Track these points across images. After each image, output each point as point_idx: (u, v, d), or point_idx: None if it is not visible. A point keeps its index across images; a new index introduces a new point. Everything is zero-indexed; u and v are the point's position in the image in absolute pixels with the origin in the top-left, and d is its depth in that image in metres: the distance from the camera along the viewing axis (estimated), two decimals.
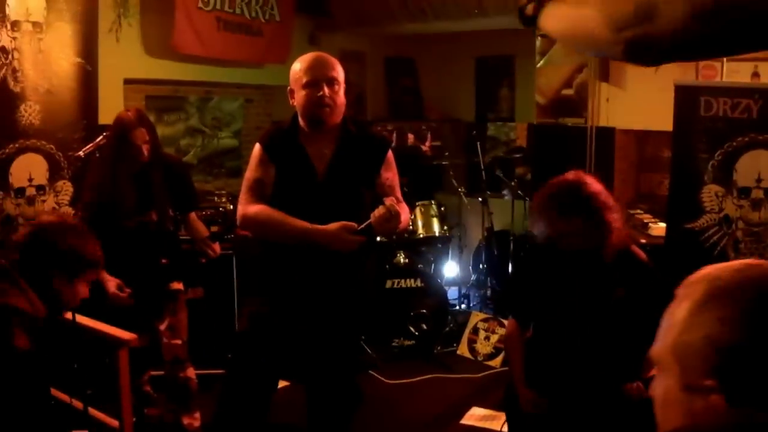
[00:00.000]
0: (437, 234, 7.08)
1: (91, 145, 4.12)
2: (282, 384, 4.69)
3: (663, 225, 5.61)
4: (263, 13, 6.95)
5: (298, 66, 3.59)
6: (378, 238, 3.65)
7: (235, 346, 3.78)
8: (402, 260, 6.67)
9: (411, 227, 6.80)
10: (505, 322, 6.28)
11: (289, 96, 3.64)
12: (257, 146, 3.68)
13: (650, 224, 5.93)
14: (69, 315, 3.29)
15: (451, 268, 7.97)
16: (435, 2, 7.12)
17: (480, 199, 7.58)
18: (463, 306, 7.64)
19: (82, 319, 3.57)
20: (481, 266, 7.80)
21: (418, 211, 6.92)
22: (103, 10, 5.61)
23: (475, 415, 5.27)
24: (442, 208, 7.20)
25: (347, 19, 7.78)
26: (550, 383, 3.50)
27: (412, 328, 6.45)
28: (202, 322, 5.02)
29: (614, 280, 3.40)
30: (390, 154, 3.76)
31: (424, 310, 6.47)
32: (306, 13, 7.62)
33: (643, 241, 5.49)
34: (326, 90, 3.52)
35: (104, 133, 4.21)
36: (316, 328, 3.65)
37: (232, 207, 5.87)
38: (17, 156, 4.92)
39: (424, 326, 6.47)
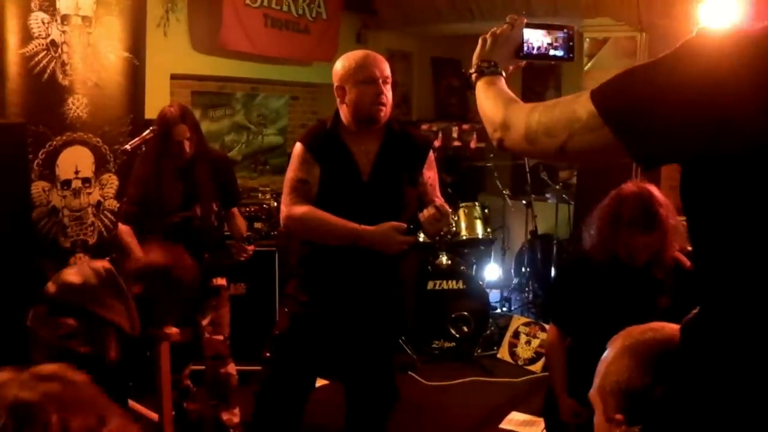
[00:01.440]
0: (480, 236, 7.03)
1: (137, 139, 4.13)
2: (320, 383, 4.68)
3: None
4: (310, 10, 6.96)
5: (350, 63, 3.53)
6: (421, 239, 3.63)
7: (275, 344, 3.77)
8: (444, 261, 6.63)
9: (454, 228, 6.76)
10: (547, 327, 6.23)
11: (337, 93, 3.58)
12: (299, 146, 3.64)
13: None
14: None
15: (493, 271, 7.93)
16: (483, 3, 7.09)
17: (524, 201, 7.53)
18: (504, 309, 7.59)
19: None
20: (523, 270, 7.74)
21: (461, 212, 6.88)
22: (152, 5, 5.64)
23: (514, 419, 5.23)
24: (486, 210, 7.14)
25: (394, 18, 7.76)
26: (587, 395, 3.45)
27: (452, 330, 6.42)
28: (243, 318, 5.02)
29: (659, 288, 3.35)
30: (431, 153, 3.75)
31: (466, 313, 6.43)
32: (353, 11, 7.61)
33: (690, 248, 5.39)
34: (383, 88, 3.50)
35: (151, 128, 4.22)
36: (357, 327, 3.64)
37: (276, 204, 5.87)
38: (64, 148, 4.96)
39: (465, 329, 6.43)
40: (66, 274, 3.04)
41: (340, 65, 3.57)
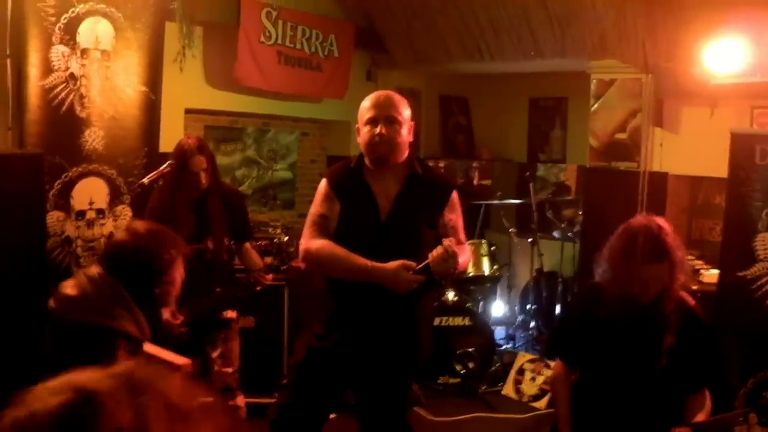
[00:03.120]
0: (486, 273, 7.07)
1: (155, 173, 4.18)
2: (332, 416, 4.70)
3: (715, 272, 5.57)
4: (323, 48, 7.05)
5: (364, 104, 3.66)
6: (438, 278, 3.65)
7: (289, 375, 3.82)
8: (451, 298, 6.67)
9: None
10: (552, 363, 6.26)
11: (357, 134, 3.70)
12: (323, 182, 3.73)
13: (702, 271, 5.88)
14: None
15: (498, 308, 7.96)
16: (491, 43, 7.18)
17: (529, 239, 7.58)
18: (509, 346, 7.61)
19: None
20: (528, 307, 7.78)
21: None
22: (169, 40, 5.71)
23: None
24: (493, 248, 7.19)
25: (404, 57, 7.85)
26: (595, 428, 3.48)
27: (458, 366, 6.44)
28: (252, 351, 5.06)
29: (665, 326, 3.39)
30: (455, 195, 3.77)
31: (471, 349, 6.45)
32: (364, 49, 7.70)
33: (695, 287, 5.42)
34: (382, 128, 3.56)
35: (169, 162, 4.28)
36: (370, 363, 3.67)
37: (286, 239, 5.93)
38: (80, 179, 5.03)
39: (471, 365, 6.45)
40: (64, 287, 3.02)
41: (360, 106, 3.69)
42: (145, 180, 4.18)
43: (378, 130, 3.57)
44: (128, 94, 5.25)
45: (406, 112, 3.66)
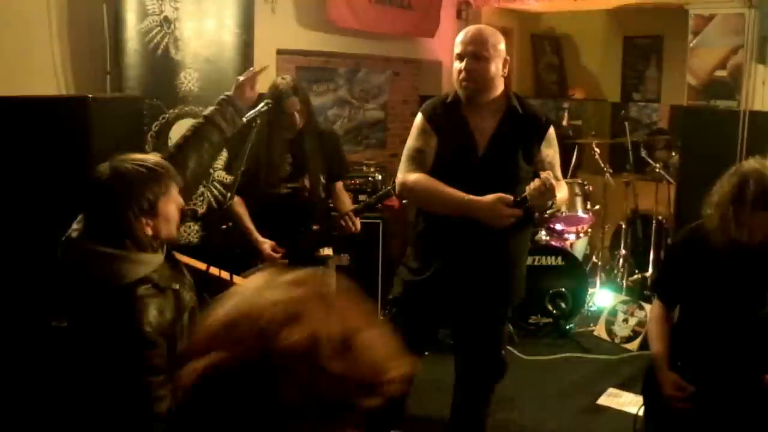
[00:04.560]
0: (580, 213, 7.00)
1: (253, 111, 4.20)
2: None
3: None
4: None
5: (456, 39, 3.65)
6: (536, 214, 3.63)
7: (386, 310, 3.87)
8: (543, 237, 6.65)
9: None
10: (645, 305, 6.21)
11: None
12: (419, 116, 3.73)
13: None
14: (225, 275, 3.41)
15: (592, 248, 7.90)
16: None
17: (624, 180, 7.48)
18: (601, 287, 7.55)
19: (235, 278, 3.66)
20: (621, 247, 7.69)
21: None
22: None
23: (612, 396, 5.24)
24: (587, 187, 7.10)
25: None
26: (694, 371, 3.43)
27: (550, 306, 6.43)
28: None
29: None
30: (551, 131, 3.74)
31: (563, 289, 6.44)
32: None
33: None
34: (466, 64, 3.55)
35: (266, 101, 4.30)
36: (466, 298, 3.69)
37: (380, 177, 5.96)
38: (176, 121, 5.12)
39: (563, 305, 6.44)
40: None
41: None
42: (243, 118, 4.20)
43: (463, 66, 3.56)
44: (221, 36, 5.30)
45: (497, 47, 3.63)
